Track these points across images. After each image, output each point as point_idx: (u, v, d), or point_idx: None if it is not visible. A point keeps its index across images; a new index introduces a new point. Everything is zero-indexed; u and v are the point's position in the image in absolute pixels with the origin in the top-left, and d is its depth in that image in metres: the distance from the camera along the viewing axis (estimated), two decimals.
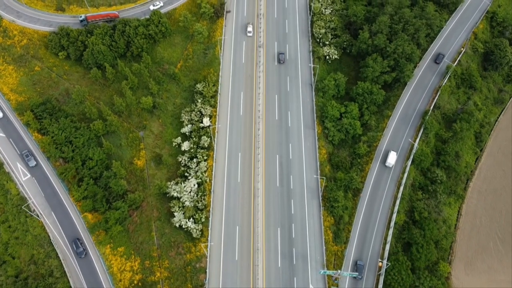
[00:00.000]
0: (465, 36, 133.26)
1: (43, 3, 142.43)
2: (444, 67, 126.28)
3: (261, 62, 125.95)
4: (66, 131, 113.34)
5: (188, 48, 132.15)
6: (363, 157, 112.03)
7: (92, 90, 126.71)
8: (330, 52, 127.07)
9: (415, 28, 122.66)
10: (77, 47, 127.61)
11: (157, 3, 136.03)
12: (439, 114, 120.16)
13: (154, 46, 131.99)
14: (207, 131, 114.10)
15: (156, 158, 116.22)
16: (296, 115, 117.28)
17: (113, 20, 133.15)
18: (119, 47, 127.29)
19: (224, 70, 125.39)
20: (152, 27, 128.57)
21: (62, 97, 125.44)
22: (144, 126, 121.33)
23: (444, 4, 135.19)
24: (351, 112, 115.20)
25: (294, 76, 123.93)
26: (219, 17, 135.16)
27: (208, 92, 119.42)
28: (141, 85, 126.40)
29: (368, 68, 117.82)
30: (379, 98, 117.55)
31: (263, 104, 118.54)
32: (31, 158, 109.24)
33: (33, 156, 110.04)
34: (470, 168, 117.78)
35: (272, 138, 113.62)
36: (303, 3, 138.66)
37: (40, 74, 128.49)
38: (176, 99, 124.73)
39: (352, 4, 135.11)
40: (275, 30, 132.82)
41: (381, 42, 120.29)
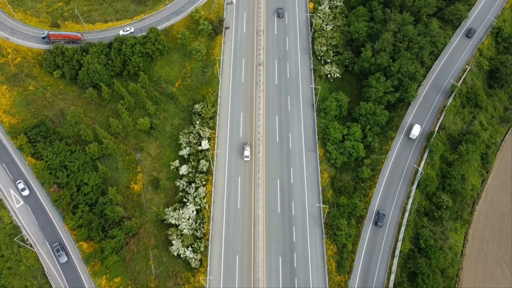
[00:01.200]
0: (470, 53, 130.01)
1: (38, 19, 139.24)
2: (448, 86, 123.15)
3: (261, 81, 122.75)
4: (60, 155, 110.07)
5: (186, 66, 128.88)
6: (367, 181, 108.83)
7: (87, 110, 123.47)
8: (331, 70, 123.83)
9: (419, 46, 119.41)
10: (72, 66, 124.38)
11: (127, 28, 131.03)
12: (444, 135, 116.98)
13: (151, 64, 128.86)
14: (205, 155, 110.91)
15: (154, 182, 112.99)
16: (297, 137, 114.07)
17: (75, 42, 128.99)
18: (115, 66, 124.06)
19: (223, 90, 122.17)
20: (149, 45, 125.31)
21: (57, 118, 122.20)
22: (141, 148, 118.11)
23: (448, 19, 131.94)
24: (354, 134, 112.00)
25: (295, 95, 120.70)
26: (217, 34, 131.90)
27: (207, 113, 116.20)
28: (138, 105, 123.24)
29: (371, 89, 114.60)
30: (382, 119, 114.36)
31: (263, 126, 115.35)
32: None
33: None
34: (476, 191, 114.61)
35: (272, 161, 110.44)
36: (304, 18, 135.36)
37: (35, 93, 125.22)
38: (174, 119, 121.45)
39: (354, 20, 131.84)
40: (275, 47, 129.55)
41: (384, 61, 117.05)
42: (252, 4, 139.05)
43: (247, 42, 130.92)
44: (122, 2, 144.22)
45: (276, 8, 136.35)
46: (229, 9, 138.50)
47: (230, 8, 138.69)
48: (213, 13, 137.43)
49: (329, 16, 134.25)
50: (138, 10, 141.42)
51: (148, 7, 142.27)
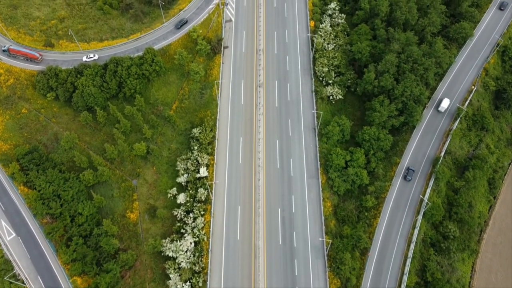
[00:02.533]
0: (476, 73, 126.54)
1: (31, 38, 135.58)
2: (454, 108, 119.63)
3: (261, 103, 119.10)
4: (54, 183, 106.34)
5: (184, 87, 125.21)
6: (371, 210, 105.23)
7: (82, 134, 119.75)
8: (333, 92, 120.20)
9: (424, 67, 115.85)
10: (66, 88, 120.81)
11: (91, 55, 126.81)
12: (450, 160, 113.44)
13: (148, 86, 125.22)
14: (204, 183, 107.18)
15: (150, 210, 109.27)
16: (298, 163, 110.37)
17: (32, 60, 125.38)
18: (111, 88, 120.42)
19: (222, 113, 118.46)
20: (146, 66, 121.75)
21: (51, 143, 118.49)
22: (138, 174, 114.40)
23: (453, 38, 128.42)
24: (357, 160, 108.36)
25: (296, 119, 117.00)
26: (216, 53, 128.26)
27: (205, 138, 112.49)
28: (134, 128, 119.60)
29: (374, 113, 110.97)
30: (386, 144, 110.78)
31: (264, 151, 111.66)
32: None
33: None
34: (483, 218, 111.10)
35: (273, 189, 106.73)
36: (305, 37, 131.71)
37: (27, 117, 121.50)
38: (171, 143, 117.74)
39: (357, 38, 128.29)
40: (276, 68, 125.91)
41: (388, 83, 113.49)
42: (251, 22, 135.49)
43: (246, 62, 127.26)
44: (118, 20, 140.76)
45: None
46: (227, 27, 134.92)
47: (229, 26, 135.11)
48: (212, 31, 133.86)
49: (331, 35, 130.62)
50: (134, 28, 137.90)
51: (144, 25, 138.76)
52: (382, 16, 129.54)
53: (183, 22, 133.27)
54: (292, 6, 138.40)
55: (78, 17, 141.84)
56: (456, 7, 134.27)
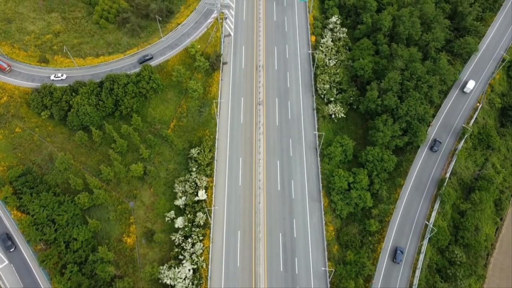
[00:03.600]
0: (481, 89, 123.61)
1: (26, 53, 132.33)
2: (459, 125, 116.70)
3: (261, 122, 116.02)
4: (48, 207, 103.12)
5: (182, 105, 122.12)
6: (375, 235, 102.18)
7: (77, 154, 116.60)
8: (335, 110, 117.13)
9: (429, 85, 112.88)
10: (61, 107, 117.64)
11: (59, 74, 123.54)
12: (455, 181, 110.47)
13: (145, 103, 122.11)
14: (202, 206, 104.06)
15: (148, 234, 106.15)
16: (300, 185, 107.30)
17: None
18: (107, 107, 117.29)
19: (221, 132, 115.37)
20: (143, 84, 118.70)
21: (45, 163, 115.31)
22: (135, 195, 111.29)
23: (457, 53, 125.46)
24: (360, 182, 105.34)
25: (297, 138, 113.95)
26: (215, 69, 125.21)
27: (204, 159, 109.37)
28: (131, 148, 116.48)
29: (378, 133, 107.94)
30: (390, 165, 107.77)
31: (264, 173, 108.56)
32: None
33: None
34: (490, 241, 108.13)
35: (274, 212, 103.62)
36: (305, 52, 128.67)
37: (21, 136, 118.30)
38: (169, 164, 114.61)
39: (359, 54, 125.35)
40: (276, 84, 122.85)
41: (392, 102, 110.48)
42: (251, 37, 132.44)
43: (246, 78, 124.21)
44: (115, 34, 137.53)
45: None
46: (226, 41, 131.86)
47: (228, 40, 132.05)
48: (210, 46, 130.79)
49: (332, 50, 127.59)
50: (131, 43, 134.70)
51: (141, 40, 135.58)
52: (384, 31, 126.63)
53: (147, 58, 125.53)
54: (292, 20, 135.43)
55: (74, 31, 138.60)
56: (460, 21, 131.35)
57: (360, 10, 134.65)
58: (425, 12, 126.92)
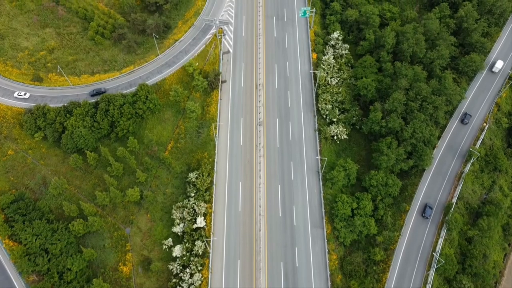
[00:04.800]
0: (487, 108, 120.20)
1: (19, 71, 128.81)
2: (465, 147, 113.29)
3: (261, 144, 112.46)
4: (41, 236, 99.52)
5: (180, 126, 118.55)
6: (379, 264, 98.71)
7: (72, 178, 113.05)
8: (338, 131, 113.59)
9: (434, 106, 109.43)
10: (55, 128, 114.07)
11: (22, 93, 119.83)
12: (462, 205, 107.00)
13: (142, 123, 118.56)
14: (201, 234, 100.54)
15: (145, 262, 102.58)
16: (302, 211, 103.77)
17: None
18: (102, 128, 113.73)
19: (220, 155, 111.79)
20: (140, 104, 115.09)
21: (38, 187, 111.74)
22: (131, 221, 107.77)
23: (463, 71, 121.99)
24: (364, 208, 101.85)
25: (298, 161, 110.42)
26: (213, 88, 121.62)
27: (202, 184, 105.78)
28: (127, 171, 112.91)
29: (382, 156, 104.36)
30: (395, 190, 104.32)
31: (264, 198, 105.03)
32: None
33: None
34: (498, 268, 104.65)
35: (275, 240, 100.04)
36: (307, 70, 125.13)
37: (14, 159, 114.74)
38: (166, 188, 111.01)
39: (361, 72, 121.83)
40: (276, 104, 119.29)
41: (396, 124, 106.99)
42: (250, 54, 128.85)
43: (245, 97, 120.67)
44: (110, 51, 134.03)
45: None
46: (225, 59, 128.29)
47: (226, 58, 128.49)
48: (209, 64, 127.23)
49: (334, 68, 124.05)
50: (127, 60, 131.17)
51: (138, 56, 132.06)
52: (388, 48, 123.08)
53: (99, 91, 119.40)
54: (293, 36, 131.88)
55: (69, 47, 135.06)
56: (466, 36, 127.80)
57: (363, 26, 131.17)
58: (429, 29, 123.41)
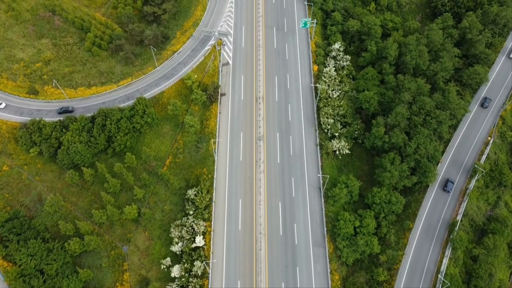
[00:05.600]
0: (492, 121, 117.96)
1: (14, 84, 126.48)
2: (470, 161, 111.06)
3: (261, 159, 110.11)
4: (36, 256, 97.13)
5: (178, 140, 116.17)
6: (383, 284, 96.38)
7: (68, 194, 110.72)
8: (340, 146, 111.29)
9: (438, 120, 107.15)
10: (50, 144, 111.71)
11: None
12: (467, 222, 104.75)
13: (140, 138, 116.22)
14: (200, 254, 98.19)
15: (142, 283, 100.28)
16: (303, 229, 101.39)
17: None
18: (99, 143, 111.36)
19: (220, 171, 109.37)
20: (137, 119, 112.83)
21: (34, 205, 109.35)
22: (129, 239, 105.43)
23: (467, 84, 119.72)
24: (367, 227, 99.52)
25: (299, 177, 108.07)
26: (213, 102, 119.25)
27: (201, 202, 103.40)
28: (124, 187, 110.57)
29: (385, 173, 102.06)
30: (398, 207, 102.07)
31: (265, 216, 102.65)
32: None
33: None
34: (504, 287, 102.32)
35: (276, 260, 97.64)
36: (308, 82, 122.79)
37: (9, 175, 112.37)
38: (165, 205, 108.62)
39: (363, 84, 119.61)
40: (277, 118, 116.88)
41: (399, 140, 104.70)
42: (250, 65, 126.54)
43: (245, 111, 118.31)
44: (108, 62, 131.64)
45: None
46: (225, 71, 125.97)
47: (226, 70, 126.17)
48: (208, 76, 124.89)
49: (335, 80, 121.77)
50: (125, 72, 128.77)
51: (136, 68, 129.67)
52: (390, 60, 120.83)
53: (67, 110, 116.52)
54: (293, 47, 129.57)
55: (65, 59, 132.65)
56: (469, 47, 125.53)
57: (364, 36, 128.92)
58: (432, 40, 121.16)
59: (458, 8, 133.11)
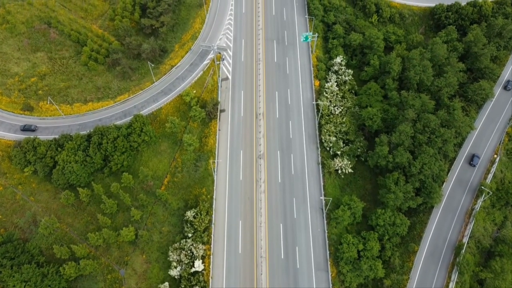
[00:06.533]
0: (498, 138, 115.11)
1: (9, 99, 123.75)
2: (476, 181, 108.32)
3: (262, 179, 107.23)
4: (30, 282, 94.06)
5: (177, 158, 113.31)
6: None
7: (64, 215, 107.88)
8: (342, 165, 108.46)
9: (443, 139, 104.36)
10: (45, 163, 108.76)
11: None
12: (473, 244, 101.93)
13: (137, 156, 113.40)
14: (199, 279, 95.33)
15: None
16: (305, 252, 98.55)
17: None
18: (95, 163, 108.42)
19: (219, 191, 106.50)
20: (134, 137, 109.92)
21: (28, 226, 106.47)
22: (126, 262, 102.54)
23: (472, 100, 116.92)
24: (371, 250, 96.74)
25: (301, 197, 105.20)
26: (212, 118, 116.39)
27: (200, 224, 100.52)
28: (121, 207, 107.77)
29: (389, 194, 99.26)
30: (403, 230, 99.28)
31: (266, 238, 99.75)
32: None
33: None
34: None
35: (277, 285, 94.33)
36: (309, 98, 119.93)
37: (3, 195, 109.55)
38: (163, 226, 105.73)
39: (366, 100, 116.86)
40: (278, 135, 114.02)
41: (404, 159, 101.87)
42: (250, 80, 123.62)
43: (245, 128, 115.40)
44: (104, 77, 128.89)
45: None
46: (224, 86, 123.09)
47: (225, 85, 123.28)
48: (207, 91, 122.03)
49: (337, 95, 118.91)
50: (122, 87, 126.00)
51: (133, 83, 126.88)
52: (393, 75, 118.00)
53: (29, 128, 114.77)
54: (294, 61, 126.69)
55: (61, 73, 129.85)
56: (474, 61, 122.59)
57: (367, 50, 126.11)
58: (437, 54, 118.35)
59: (462, 20, 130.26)
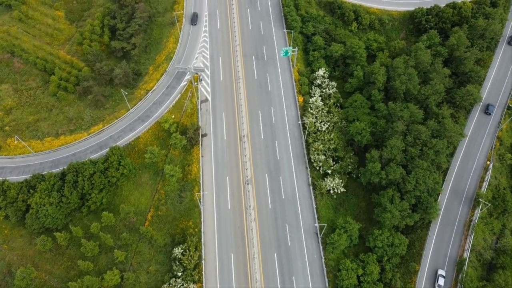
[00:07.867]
0: (489, 143, 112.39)
1: None
2: (471, 189, 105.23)
3: (251, 206, 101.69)
4: None
5: (159, 190, 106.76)
6: None
7: (41, 262, 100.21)
8: (334, 184, 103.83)
9: (435, 150, 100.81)
10: (17, 207, 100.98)
11: None
12: (474, 258, 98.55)
13: (117, 191, 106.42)
14: None
15: None
16: (303, 282, 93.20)
17: None
18: (71, 202, 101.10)
19: (207, 223, 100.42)
20: (112, 172, 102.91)
21: (3, 278, 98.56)
22: None
23: (460, 105, 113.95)
24: (371, 274, 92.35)
25: (294, 223, 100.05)
26: (193, 145, 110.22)
27: (190, 262, 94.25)
28: (104, 248, 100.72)
29: (385, 214, 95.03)
30: (402, 249, 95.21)
31: (260, 271, 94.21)
32: None
33: None
34: None
35: None
36: (294, 115, 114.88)
37: None
38: (150, 265, 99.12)
39: (353, 113, 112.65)
40: (264, 157, 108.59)
41: (397, 175, 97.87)
42: (230, 100, 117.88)
43: (229, 152, 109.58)
44: (76, 107, 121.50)
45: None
46: (204, 108, 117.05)
47: (205, 107, 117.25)
48: (186, 116, 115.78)
49: (323, 111, 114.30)
50: (95, 116, 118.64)
51: (107, 111, 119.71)
52: (379, 86, 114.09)
53: None
54: (275, 77, 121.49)
55: (28, 105, 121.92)
56: (459, 65, 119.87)
57: (349, 60, 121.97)
58: (421, 61, 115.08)
59: (443, 23, 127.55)
